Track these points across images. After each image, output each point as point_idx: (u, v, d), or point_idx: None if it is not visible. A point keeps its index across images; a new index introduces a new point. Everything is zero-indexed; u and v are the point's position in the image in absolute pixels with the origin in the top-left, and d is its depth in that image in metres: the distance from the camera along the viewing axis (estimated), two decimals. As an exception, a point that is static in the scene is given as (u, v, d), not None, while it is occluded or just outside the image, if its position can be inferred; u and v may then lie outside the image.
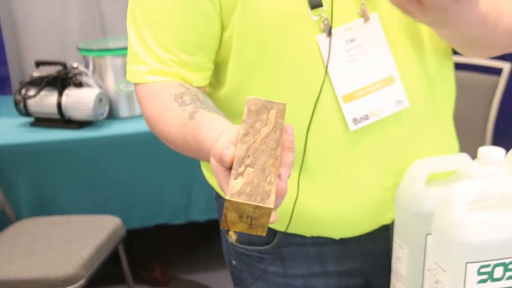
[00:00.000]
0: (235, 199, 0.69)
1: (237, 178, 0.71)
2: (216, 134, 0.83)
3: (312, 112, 1.04)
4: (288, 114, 0.91)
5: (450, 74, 1.17)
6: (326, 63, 1.02)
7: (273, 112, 0.81)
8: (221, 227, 0.73)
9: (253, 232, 0.72)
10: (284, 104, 0.83)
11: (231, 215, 0.71)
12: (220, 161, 0.74)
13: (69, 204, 2.52)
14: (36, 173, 2.48)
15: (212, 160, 0.77)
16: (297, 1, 1.00)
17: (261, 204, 0.69)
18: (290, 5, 1.01)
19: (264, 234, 0.72)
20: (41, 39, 3.10)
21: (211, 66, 1.09)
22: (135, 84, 1.07)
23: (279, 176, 0.72)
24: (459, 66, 1.27)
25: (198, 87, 1.06)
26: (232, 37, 1.04)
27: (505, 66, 2.83)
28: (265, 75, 1.05)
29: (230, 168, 0.74)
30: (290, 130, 0.77)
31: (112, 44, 2.70)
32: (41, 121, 2.63)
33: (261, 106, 0.81)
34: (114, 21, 3.10)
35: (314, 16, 1.01)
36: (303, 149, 1.05)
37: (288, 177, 0.74)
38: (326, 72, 1.03)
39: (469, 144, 1.12)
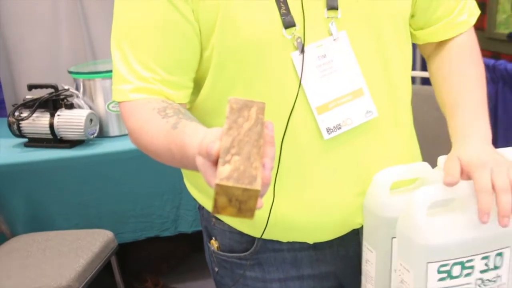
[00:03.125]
0: (224, 183, 0.70)
1: (224, 165, 0.72)
2: (197, 139, 0.82)
3: (287, 123, 1.05)
4: None
5: (409, 85, 1.19)
6: (300, 77, 1.03)
7: (253, 110, 0.82)
8: (211, 213, 0.73)
9: (242, 217, 0.73)
10: (264, 103, 0.84)
11: (221, 200, 0.72)
12: (207, 154, 0.74)
13: (62, 220, 2.50)
14: (30, 191, 2.46)
15: (199, 159, 0.78)
16: (272, 22, 1.01)
17: (248, 187, 0.70)
18: (266, 26, 1.01)
19: (252, 218, 0.73)
20: (33, 63, 3.09)
21: (191, 84, 1.09)
22: (119, 102, 1.07)
23: (263, 165, 0.73)
24: (428, 81, 1.30)
25: (179, 104, 1.06)
26: (212, 57, 1.05)
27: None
28: (243, 90, 1.05)
29: (215, 163, 0.74)
30: (270, 126, 0.79)
31: (101, 67, 2.74)
32: (34, 141, 2.62)
33: (242, 104, 0.82)
34: (103, 45, 3.11)
35: (288, 35, 1.02)
36: (278, 157, 1.06)
37: (271, 169, 0.75)
38: (300, 85, 1.04)
39: (437, 153, 1.14)
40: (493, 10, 3.24)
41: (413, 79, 2.72)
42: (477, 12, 1.21)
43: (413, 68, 1.23)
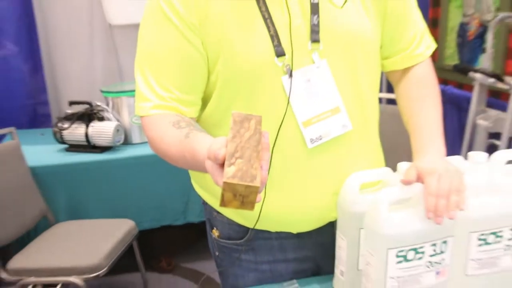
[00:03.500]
0: (230, 181, 0.71)
1: (230, 166, 0.73)
2: (205, 146, 0.82)
3: (277, 134, 1.04)
4: None
5: (377, 105, 1.18)
6: (288, 97, 1.03)
7: (253, 122, 0.82)
8: (220, 206, 0.73)
9: (244, 208, 0.73)
10: (261, 116, 0.84)
11: (227, 195, 0.72)
12: (215, 158, 0.75)
13: (94, 210, 2.51)
14: (69, 187, 2.47)
15: (208, 162, 0.78)
16: (266, 52, 1.01)
17: (250, 184, 0.71)
18: (261, 55, 1.01)
19: (253, 209, 0.73)
20: (73, 84, 3.10)
21: (200, 102, 1.08)
22: (141, 116, 1.06)
23: (261, 167, 0.74)
24: (392, 101, 1.29)
25: (190, 118, 1.06)
26: (217, 80, 1.04)
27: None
28: (242, 107, 1.04)
29: (222, 166, 0.75)
30: (267, 135, 0.79)
31: (127, 87, 2.73)
32: (73, 147, 2.62)
33: (243, 117, 0.83)
34: (129, 69, 3.12)
35: (279, 62, 1.02)
36: (269, 162, 1.04)
37: (267, 170, 0.76)
38: (288, 103, 1.03)
39: (398, 159, 1.14)
40: (442, 46, 3.25)
41: (380, 100, 2.72)
42: (433, 45, 1.20)
43: (380, 91, 1.22)
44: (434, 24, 3.33)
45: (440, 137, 1.09)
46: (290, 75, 1.03)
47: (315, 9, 1.03)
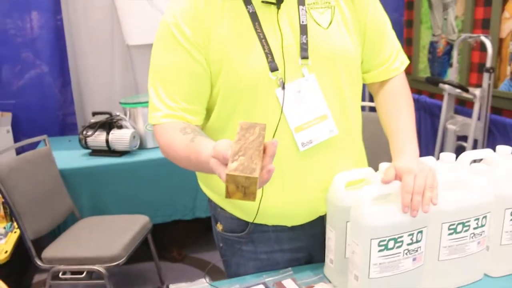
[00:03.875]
0: (232, 173, 0.71)
1: (233, 162, 0.73)
2: (209, 148, 0.83)
3: (272, 138, 1.03)
4: None
5: (360, 112, 1.17)
6: (281, 106, 1.03)
7: (257, 128, 0.82)
8: (225, 197, 0.73)
9: (247, 199, 0.73)
10: (265, 124, 0.84)
11: (230, 187, 0.72)
12: (223, 158, 0.74)
13: (114, 207, 2.49)
14: (93, 186, 2.46)
15: (212, 160, 0.77)
16: (261, 67, 1.01)
17: (249, 175, 0.70)
18: (257, 70, 1.01)
19: (255, 200, 0.73)
20: (96, 97, 3.09)
21: (204, 111, 1.08)
22: (153, 125, 1.06)
23: (261, 165, 0.74)
24: (374, 109, 1.29)
25: (196, 126, 1.05)
26: (219, 92, 1.04)
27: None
28: (241, 115, 1.05)
29: (226, 164, 0.75)
30: (276, 142, 0.78)
31: (142, 99, 2.72)
32: (96, 152, 2.61)
33: (249, 125, 0.82)
34: (144, 83, 3.11)
35: (273, 76, 1.02)
36: None
37: (271, 161, 0.76)
38: (282, 112, 1.03)
39: (379, 159, 1.14)
40: (415, 61, 3.25)
41: (364, 108, 2.71)
42: (406, 61, 1.20)
43: (363, 100, 1.22)
44: (408, 43, 3.33)
45: (414, 140, 1.08)
46: (283, 88, 1.02)
47: (303, 30, 1.03)
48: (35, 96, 2.96)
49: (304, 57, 1.03)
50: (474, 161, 1.16)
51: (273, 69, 1.01)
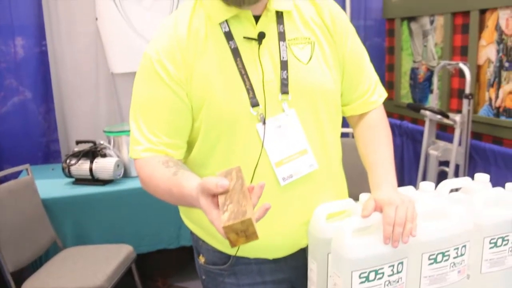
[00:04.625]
0: (227, 224, 0.72)
1: (224, 213, 0.74)
2: (192, 183, 0.84)
3: (253, 173, 1.04)
4: None
5: (339, 145, 1.18)
6: (262, 141, 1.04)
7: (234, 172, 0.84)
8: (231, 247, 0.75)
9: (250, 240, 0.74)
10: (239, 166, 0.86)
11: (231, 236, 0.73)
12: (217, 188, 0.78)
13: (98, 236, 2.46)
14: (76, 216, 2.43)
15: (203, 202, 0.79)
16: (243, 103, 1.02)
17: (243, 219, 0.72)
18: (239, 105, 1.02)
19: (257, 238, 0.74)
20: (80, 123, 3.06)
21: (185, 145, 1.08)
22: (134, 159, 1.06)
23: (255, 202, 0.77)
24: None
25: (177, 160, 1.05)
26: (200, 126, 1.05)
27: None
28: (222, 150, 1.05)
29: (217, 203, 0.78)
30: (263, 185, 0.82)
31: (126, 127, 2.71)
32: (79, 181, 2.58)
33: (225, 173, 0.85)
34: (128, 111, 3.07)
35: (254, 112, 1.03)
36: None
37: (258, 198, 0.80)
38: (263, 147, 1.04)
39: (362, 184, 1.15)
40: (397, 87, 3.31)
41: (347, 134, 2.75)
42: (385, 94, 1.22)
43: (347, 127, 1.24)
44: (390, 69, 3.39)
45: (392, 172, 1.10)
46: (264, 123, 1.03)
47: (284, 65, 1.04)
48: (18, 123, 2.93)
49: (285, 92, 1.04)
50: (453, 190, 1.18)
51: (254, 104, 1.02)
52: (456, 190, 1.22)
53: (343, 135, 1.21)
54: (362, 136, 1.18)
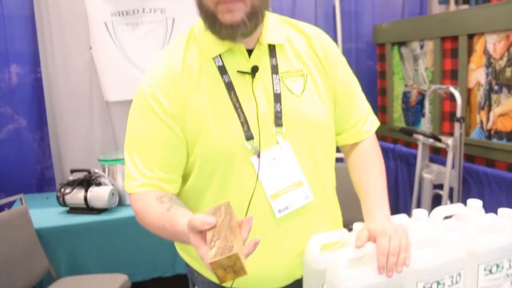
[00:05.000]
0: (214, 260, 0.73)
1: (211, 249, 0.75)
2: (185, 220, 0.84)
3: (248, 206, 1.05)
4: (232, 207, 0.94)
5: (334, 176, 1.19)
6: (257, 174, 1.04)
7: (222, 208, 0.84)
8: (219, 283, 0.76)
9: (239, 275, 0.74)
10: (228, 202, 0.87)
11: (219, 272, 0.74)
12: (203, 225, 0.78)
13: (92, 266, 2.43)
14: (70, 245, 2.40)
15: (193, 238, 0.80)
16: (238, 137, 1.03)
17: (229, 254, 0.72)
18: (234, 139, 1.03)
19: (246, 273, 0.74)
20: (75, 151, 3.05)
21: (180, 179, 1.09)
22: (129, 194, 1.06)
23: (238, 238, 0.77)
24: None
25: (172, 194, 1.06)
26: (195, 161, 1.05)
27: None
28: (217, 183, 1.06)
29: (205, 239, 0.78)
30: (251, 219, 0.83)
31: (121, 155, 2.69)
32: (74, 209, 2.56)
33: (214, 209, 0.85)
34: (123, 139, 3.07)
35: (248, 145, 1.03)
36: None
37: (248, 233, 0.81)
38: (257, 180, 1.04)
39: (357, 208, 1.16)
40: (390, 111, 3.34)
41: (341, 159, 2.75)
42: (377, 123, 1.24)
43: (340, 152, 1.25)
44: (382, 93, 3.43)
45: (385, 201, 1.10)
46: (258, 156, 1.04)
47: (277, 98, 1.06)
48: (13, 151, 2.93)
49: (278, 124, 1.05)
50: (447, 217, 1.19)
51: (249, 138, 1.03)
52: (450, 216, 1.23)
53: (337, 160, 1.22)
54: (354, 165, 1.19)
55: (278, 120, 1.05)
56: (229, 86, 1.04)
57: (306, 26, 1.15)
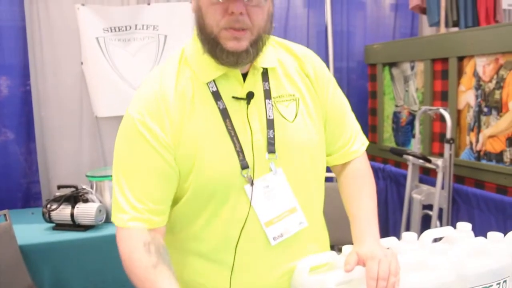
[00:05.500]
0: None
1: None
2: None
3: (239, 234, 1.03)
4: (223, 235, 0.98)
5: (322, 194, 1.18)
6: (250, 202, 1.03)
7: None
8: None
9: None
10: None
11: None
12: None
13: (78, 284, 2.38)
14: (56, 262, 2.35)
15: None
16: (233, 165, 1.01)
17: None
18: (229, 169, 1.01)
19: None
20: (63, 166, 3.04)
21: (169, 210, 1.05)
22: (117, 226, 1.02)
23: None
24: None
25: (159, 227, 1.02)
26: (189, 188, 1.02)
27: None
28: (210, 210, 1.04)
29: None
30: None
31: (109, 172, 2.67)
32: (60, 226, 2.52)
33: None
34: (111, 154, 3.06)
35: (243, 174, 1.01)
36: (233, 259, 1.04)
37: None
38: (251, 206, 1.03)
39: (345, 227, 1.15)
40: (380, 130, 3.35)
41: (331, 178, 2.74)
42: (366, 142, 1.24)
43: (330, 171, 1.25)
44: (373, 113, 3.45)
45: (375, 225, 1.10)
46: (252, 184, 1.03)
47: (270, 124, 1.04)
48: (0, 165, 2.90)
49: (271, 151, 1.04)
50: (435, 240, 1.18)
51: (244, 167, 1.02)
52: (441, 238, 1.23)
53: (327, 179, 1.21)
54: (345, 188, 1.18)
55: (271, 147, 1.04)
56: (224, 113, 1.01)
57: (296, 46, 1.14)
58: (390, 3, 3.64)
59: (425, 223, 2.69)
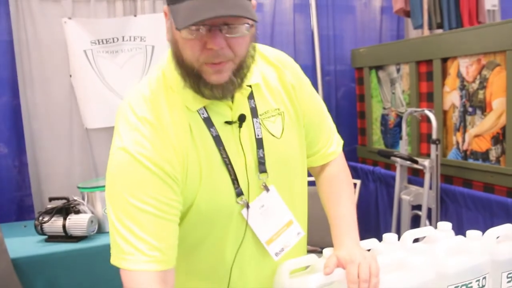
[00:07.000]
0: None
1: None
2: None
3: (236, 253, 1.05)
4: (219, 256, 1.00)
5: (306, 200, 1.20)
6: (246, 222, 1.04)
7: None
8: None
9: None
10: None
11: None
12: None
13: (71, 295, 2.40)
14: (49, 274, 2.35)
15: None
16: (229, 195, 1.01)
17: None
18: (225, 198, 1.01)
19: None
20: (54, 179, 3.04)
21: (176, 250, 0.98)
22: (123, 268, 0.95)
23: None
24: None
25: (170, 269, 0.93)
26: (184, 218, 1.01)
27: (357, 182, 2.94)
28: (212, 239, 1.05)
29: None
30: None
31: (101, 183, 2.69)
32: (52, 238, 2.53)
33: None
34: (102, 166, 3.09)
35: (239, 201, 1.02)
36: (229, 276, 1.06)
37: None
38: (247, 226, 1.04)
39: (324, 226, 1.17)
40: (369, 133, 3.38)
41: (313, 183, 2.77)
42: (341, 141, 1.25)
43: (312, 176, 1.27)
44: (362, 116, 3.48)
45: (354, 227, 1.12)
46: (247, 207, 1.04)
47: (260, 143, 1.03)
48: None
49: (263, 171, 1.04)
50: (416, 240, 1.20)
51: (239, 194, 1.02)
52: (423, 238, 1.25)
53: (309, 183, 1.23)
54: (324, 190, 1.20)
55: (261, 166, 1.04)
56: (218, 140, 0.99)
57: (271, 54, 1.12)
58: (376, 7, 3.68)
59: (415, 224, 2.72)
